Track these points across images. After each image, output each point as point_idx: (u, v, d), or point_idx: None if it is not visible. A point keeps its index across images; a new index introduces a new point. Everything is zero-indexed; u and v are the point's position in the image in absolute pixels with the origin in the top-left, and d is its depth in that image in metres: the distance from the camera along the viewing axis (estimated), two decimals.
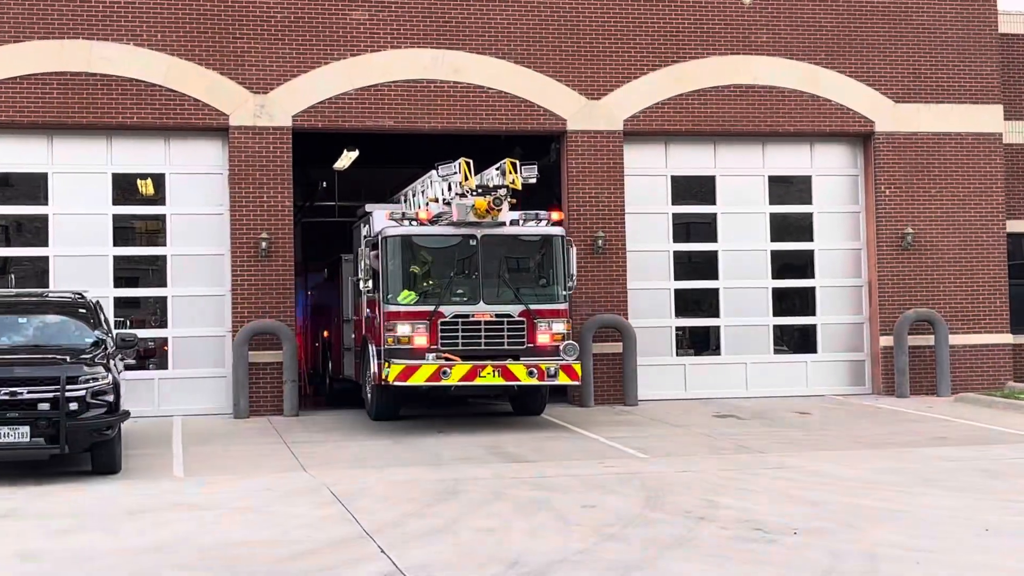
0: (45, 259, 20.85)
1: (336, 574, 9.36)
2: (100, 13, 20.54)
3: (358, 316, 20.59)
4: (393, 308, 17.79)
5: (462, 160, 17.61)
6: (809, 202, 23.68)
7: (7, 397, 13.79)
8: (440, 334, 17.50)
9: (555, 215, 18.93)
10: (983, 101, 23.76)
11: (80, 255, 20.85)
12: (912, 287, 23.26)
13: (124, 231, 21.39)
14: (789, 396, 22.73)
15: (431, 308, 17.63)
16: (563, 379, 17.55)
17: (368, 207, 20.63)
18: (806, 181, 23.72)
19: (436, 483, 13.56)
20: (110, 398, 14.36)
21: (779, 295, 23.59)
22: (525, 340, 17.81)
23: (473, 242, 17.98)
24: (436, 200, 18.51)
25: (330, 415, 21.11)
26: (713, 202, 23.29)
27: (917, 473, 14.05)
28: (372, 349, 18.64)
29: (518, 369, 17.26)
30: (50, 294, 17.97)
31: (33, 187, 21.01)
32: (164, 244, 21.35)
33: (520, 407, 19.84)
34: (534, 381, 17.46)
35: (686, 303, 23.25)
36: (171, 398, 20.91)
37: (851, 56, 23.14)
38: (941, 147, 23.51)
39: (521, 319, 17.83)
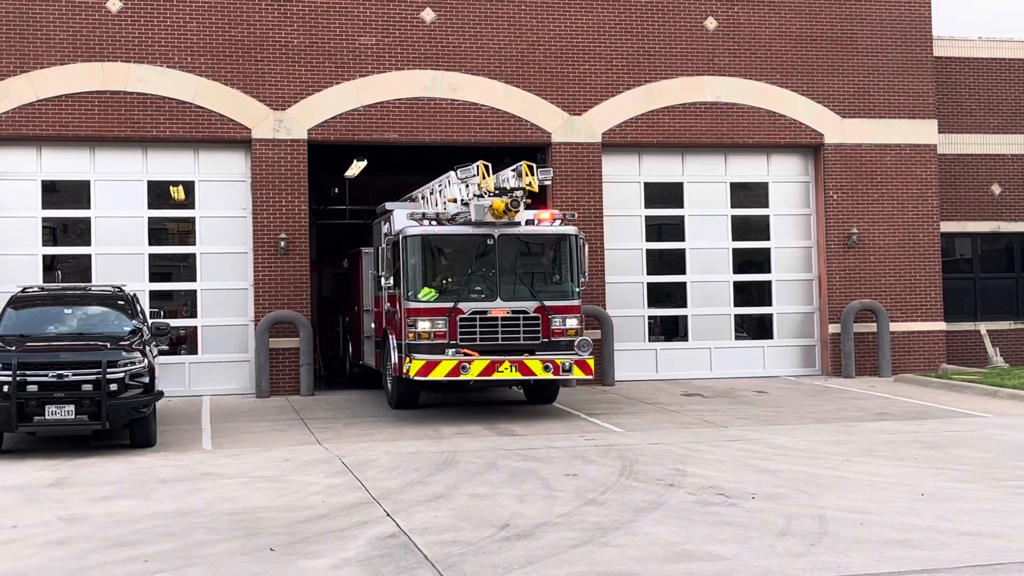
0: (88, 257, 20.83)
1: (347, 535, 9.34)
2: (136, 39, 20.52)
3: (378, 308, 19.50)
4: (414, 305, 16.63)
5: (480, 163, 16.83)
6: (766, 206, 23.69)
7: (55, 379, 13.78)
8: (459, 329, 16.39)
9: (571, 214, 17.91)
10: (920, 116, 23.77)
11: (119, 253, 20.84)
12: (857, 281, 23.29)
13: (158, 232, 21.35)
14: (748, 377, 22.78)
15: (450, 305, 16.50)
16: (577, 374, 16.44)
17: (388, 205, 19.59)
18: (763, 187, 23.73)
19: (436, 454, 13.55)
20: (146, 380, 14.36)
21: (739, 288, 23.60)
22: (540, 335, 16.66)
23: (490, 241, 16.83)
24: (455, 200, 17.45)
25: (342, 395, 21.08)
26: (681, 206, 23.28)
27: (861, 445, 14.07)
28: (392, 341, 17.63)
29: (534, 364, 16.22)
30: (92, 288, 17.91)
31: (77, 193, 20.95)
32: (194, 243, 21.32)
33: (534, 396, 18.62)
34: (549, 376, 16.40)
35: (657, 295, 23.25)
36: (200, 380, 20.91)
37: (803, 77, 23.15)
38: (882, 157, 23.53)
39: (536, 315, 16.67)
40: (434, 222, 16.96)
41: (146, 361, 14.50)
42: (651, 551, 8.56)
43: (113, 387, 13.92)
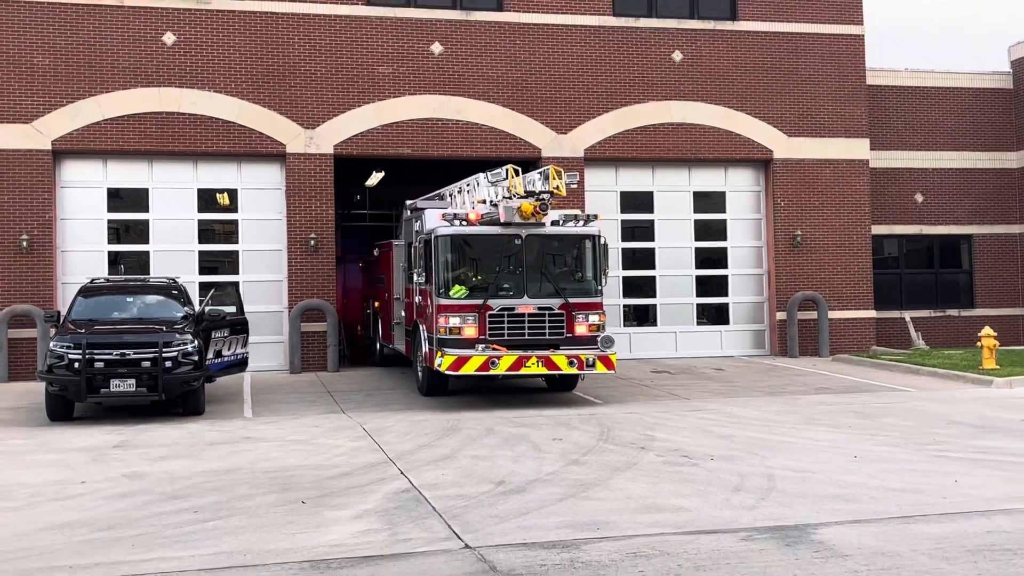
0: (147, 253, 20.78)
1: (367, 490, 9.35)
2: (188, 67, 20.46)
3: (408, 298, 18.01)
4: (445, 301, 15.24)
5: (510, 167, 15.62)
6: (723, 212, 23.66)
7: (118, 357, 13.78)
8: (488, 325, 15.07)
9: (594, 215, 16.43)
10: (854, 136, 23.76)
11: (173, 250, 20.78)
12: (800, 275, 23.29)
13: (206, 232, 21.27)
14: (708, 357, 22.78)
15: (480, 302, 15.11)
16: (600, 368, 15.15)
17: (420, 203, 18.10)
18: (721, 196, 23.69)
19: (443, 422, 13.56)
20: (196, 358, 14.33)
21: (700, 281, 23.58)
22: (564, 331, 15.35)
23: (518, 241, 15.49)
24: (483, 202, 16.11)
25: (363, 371, 21.04)
26: (651, 211, 23.25)
27: (804, 414, 14.08)
28: (423, 333, 16.21)
29: (560, 359, 14.95)
30: (150, 279, 17.87)
31: (137, 199, 20.89)
32: (237, 242, 21.26)
33: (555, 385, 17.17)
34: (574, 370, 15.14)
35: (631, 287, 23.22)
36: None
37: (756, 101, 23.13)
38: (822, 170, 23.52)
39: (561, 312, 15.34)
40: (465, 222, 15.53)
41: (196, 342, 14.48)
42: (625, 504, 8.57)
43: (168, 364, 13.92)
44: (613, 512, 8.25)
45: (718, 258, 23.71)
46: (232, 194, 21.24)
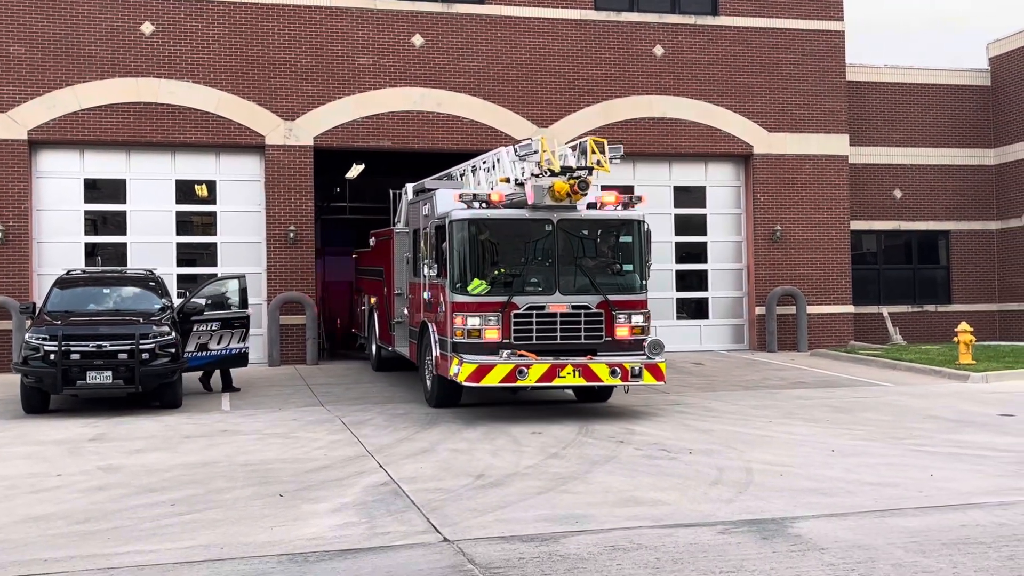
0: (124, 245, 20.64)
1: (345, 483, 9.32)
2: (166, 58, 20.33)
3: (413, 294, 15.61)
4: (462, 298, 12.90)
5: (542, 137, 13.38)
6: (704, 206, 23.73)
7: (94, 349, 13.68)
8: (513, 327, 12.70)
9: (637, 197, 14.00)
10: (834, 131, 23.87)
11: (151, 242, 20.63)
12: (779, 270, 23.39)
13: (184, 224, 21.16)
14: (688, 351, 22.81)
15: (503, 299, 12.76)
16: (648, 380, 12.81)
17: (429, 184, 15.96)
18: (701, 191, 23.76)
19: (422, 416, 13.52)
20: (173, 350, 14.25)
21: (681, 276, 23.65)
22: (603, 334, 12.98)
23: (549, 227, 13.07)
24: (507, 180, 13.75)
25: (341, 364, 20.97)
26: None
27: (782, 408, 14.14)
28: (434, 336, 13.78)
29: (600, 369, 12.57)
30: (128, 271, 17.74)
31: (115, 190, 20.74)
32: (215, 234, 21.15)
33: (586, 396, 14.68)
34: (617, 382, 12.74)
35: None
36: None
37: (736, 96, 23.18)
38: (802, 165, 23.62)
39: (599, 311, 12.99)
40: (485, 204, 13.13)
41: (173, 334, 14.39)
42: (604, 497, 8.58)
43: (145, 356, 13.83)
44: (592, 505, 8.26)
45: (698, 253, 23.77)
46: (211, 186, 21.12)
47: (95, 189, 20.79)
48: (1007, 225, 26.85)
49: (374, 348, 19.40)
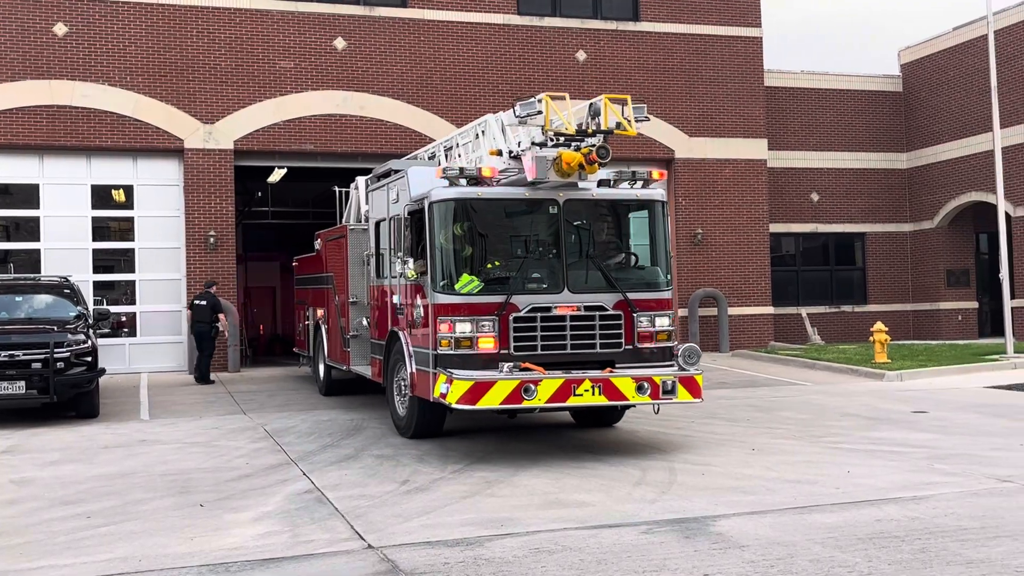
0: (37, 251, 20.11)
1: (268, 492, 9.19)
2: (81, 60, 19.88)
3: (376, 300, 13.12)
4: (448, 299, 10.36)
5: (546, 95, 10.65)
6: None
7: (6, 358, 13.30)
8: (513, 334, 10.25)
9: (656, 172, 11.45)
10: (753, 136, 24.30)
11: (66, 248, 20.14)
12: (701, 272, 23.73)
13: (101, 229, 20.70)
14: None
15: (500, 299, 10.27)
16: (683, 396, 10.38)
17: (395, 164, 12.99)
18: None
19: (347, 422, 13.40)
20: (89, 359, 13.92)
21: None
22: (623, 341, 10.61)
23: (554, 209, 10.68)
24: (498, 153, 11.20)
25: (265, 371, 20.73)
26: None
27: (704, 408, 14.25)
28: (407, 347, 11.25)
29: (624, 384, 10.12)
30: (41, 278, 17.29)
31: (28, 195, 20.19)
32: (133, 240, 20.72)
33: (590, 418, 12.44)
34: (645, 399, 10.25)
35: None
36: (139, 359, 20.35)
37: (658, 101, 23.46)
38: (722, 169, 24.01)
39: (617, 312, 10.59)
40: (475, 182, 10.70)
41: (89, 342, 14.05)
42: (529, 500, 8.59)
43: (60, 365, 13.48)
44: (517, 508, 8.27)
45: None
46: (128, 190, 20.69)
47: (6, 194, 20.23)
48: (919, 227, 27.63)
49: (322, 369, 16.57)
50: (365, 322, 13.94)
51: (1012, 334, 20.33)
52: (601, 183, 11.28)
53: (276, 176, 25.62)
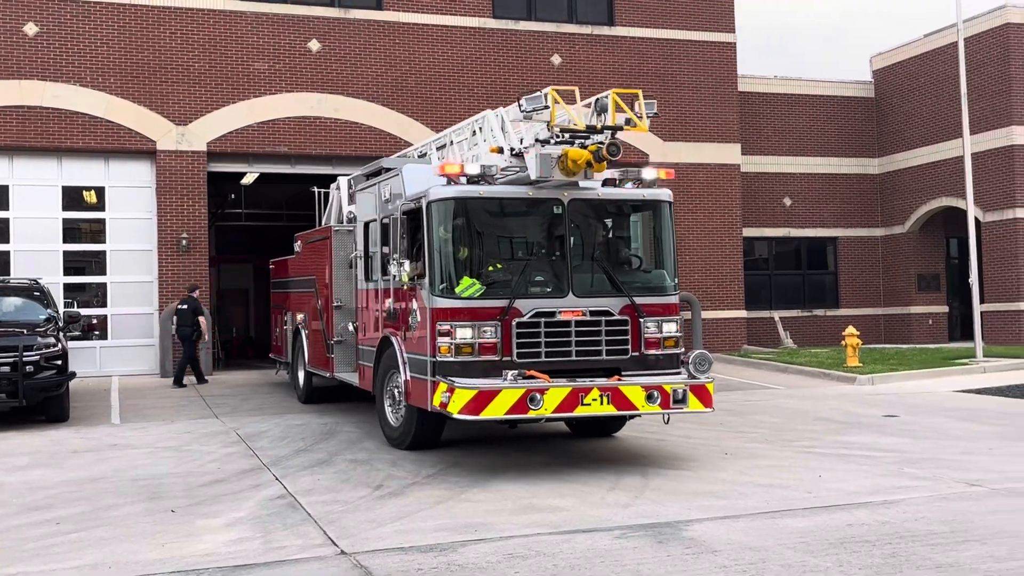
0: (7, 253, 19.88)
1: (240, 497, 9.13)
2: (52, 60, 19.70)
3: (365, 304, 12.64)
4: (448, 303, 9.94)
5: (551, 89, 10.04)
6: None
7: None
8: (515, 340, 9.87)
9: (663, 172, 11.16)
10: (727, 141, 24.43)
11: (36, 250, 19.95)
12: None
13: (72, 231, 20.51)
14: None
15: (503, 304, 9.87)
16: (694, 406, 10.01)
17: (387, 163, 12.68)
18: None
19: (320, 426, 13.35)
20: (60, 362, 13.77)
21: None
22: (629, 347, 10.26)
23: (558, 209, 10.30)
24: (499, 151, 10.81)
25: (237, 374, 20.60)
26: None
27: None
28: (401, 354, 10.86)
29: (633, 392, 9.75)
30: (11, 280, 17.11)
31: None
32: (104, 242, 20.56)
33: (587, 428, 12.13)
34: (655, 409, 9.90)
35: None
36: (110, 362, 20.17)
37: (633, 106, 23.47)
38: (697, 174, 24.11)
39: (624, 317, 10.25)
40: (477, 180, 10.28)
41: (59, 345, 13.92)
42: (503, 505, 8.59)
43: (29, 368, 13.32)
44: (491, 513, 8.26)
45: None
46: (99, 192, 20.52)
47: None
48: (891, 232, 27.88)
49: (301, 376, 16.07)
50: (351, 327, 13.42)
51: (981, 338, 20.54)
52: (606, 182, 10.89)
53: (250, 178, 25.51)
